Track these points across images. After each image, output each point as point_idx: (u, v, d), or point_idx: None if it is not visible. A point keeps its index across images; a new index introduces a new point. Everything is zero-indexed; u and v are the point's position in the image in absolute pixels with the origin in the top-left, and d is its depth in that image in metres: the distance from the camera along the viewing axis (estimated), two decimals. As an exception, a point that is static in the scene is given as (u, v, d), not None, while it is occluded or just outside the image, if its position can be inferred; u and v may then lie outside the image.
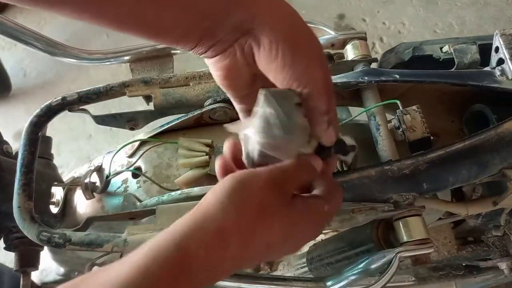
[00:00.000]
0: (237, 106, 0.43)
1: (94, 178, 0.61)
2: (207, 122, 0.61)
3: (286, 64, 0.36)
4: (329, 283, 0.51)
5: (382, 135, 0.57)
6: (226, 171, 0.39)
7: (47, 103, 0.58)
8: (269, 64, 0.36)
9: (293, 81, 0.36)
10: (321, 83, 0.37)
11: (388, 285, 0.50)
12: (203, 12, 0.35)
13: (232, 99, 0.43)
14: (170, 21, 0.35)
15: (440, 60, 0.64)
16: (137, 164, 0.61)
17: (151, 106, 0.62)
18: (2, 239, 0.67)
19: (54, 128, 0.70)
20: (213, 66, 0.40)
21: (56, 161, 0.72)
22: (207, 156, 0.56)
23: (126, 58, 0.66)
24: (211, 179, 0.57)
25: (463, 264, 0.86)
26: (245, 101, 0.42)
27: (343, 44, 0.67)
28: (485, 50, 0.59)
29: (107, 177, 0.60)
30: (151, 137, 0.61)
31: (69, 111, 0.60)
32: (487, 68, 0.58)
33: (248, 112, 0.42)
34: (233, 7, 0.35)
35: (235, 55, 0.38)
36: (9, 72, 1.90)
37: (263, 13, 0.36)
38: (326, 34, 0.67)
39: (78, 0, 0.32)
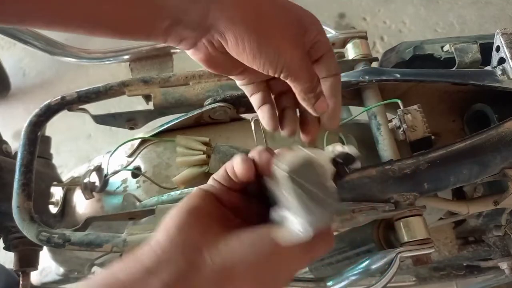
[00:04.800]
0: (238, 83, 0.43)
1: (94, 178, 0.61)
2: (207, 121, 0.61)
3: (256, 55, 0.36)
4: (329, 283, 0.51)
5: (383, 134, 0.57)
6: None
7: (46, 102, 0.58)
8: (240, 55, 0.36)
9: (268, 68, 0.36)
10: (296, 64, 0.37)
11: (388, 285, 0.49)
12: (159, 12, 0.34)
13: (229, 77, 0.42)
14: (130, 22, 0.34)
15: (441, 59, 0.64)
16: (136, 164, 0.60)
17: (150, 106, 0.62)
18: (1, 239, 0.67)
19: (53, 128, 0.70)
20: (192, 56, 0.39)
21: (55, 160, 0.71)
22: (205, 155, 0.55)
23: (126, 57, 0.66)
24: (209, 178, 0.56)
25: (464, 264, 0.86)
26: (242, 77, 0.41)
27: (344, 43, 0.67)
28: (486, 49, 0.59)
29: (106, 176, 0.60)
30: (150, 136, 0.61)
31: (69, 110, 0.60)
32: (488, 68, 0.58)
33: (251, 85, 0.42)
34: (189, 4, 0.34)
35: (207, 48, 0.37)
36: (8, 71, 1.89)
37: (222, 6, 0.34)
38: (326, 33, 0.66)
39: (33, 8, 0.31)
